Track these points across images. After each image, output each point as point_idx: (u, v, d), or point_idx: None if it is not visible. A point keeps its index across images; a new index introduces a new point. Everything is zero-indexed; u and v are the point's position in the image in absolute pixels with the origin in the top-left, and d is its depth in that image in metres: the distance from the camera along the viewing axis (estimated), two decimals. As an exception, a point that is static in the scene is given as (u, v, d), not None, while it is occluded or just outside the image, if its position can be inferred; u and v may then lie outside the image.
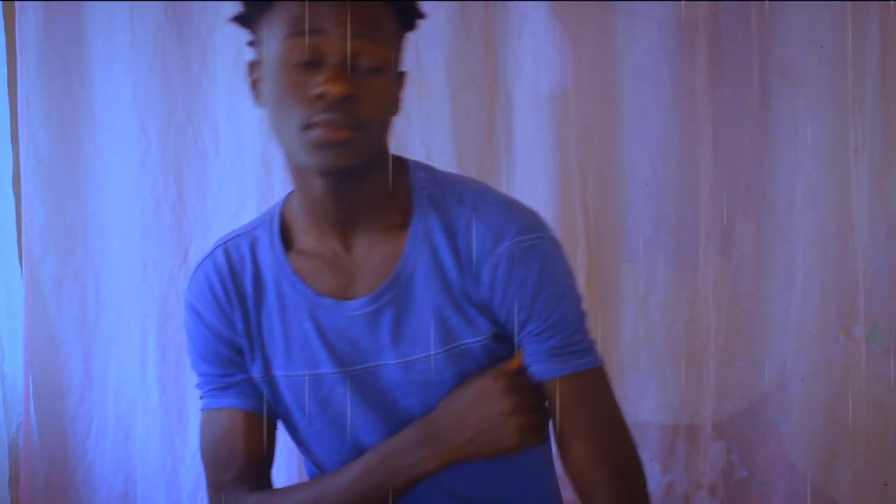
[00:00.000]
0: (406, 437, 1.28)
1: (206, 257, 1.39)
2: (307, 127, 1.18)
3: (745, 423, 2.12)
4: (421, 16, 1.30)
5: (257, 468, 1.37)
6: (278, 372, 1.35)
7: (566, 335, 1.27)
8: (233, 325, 1.35)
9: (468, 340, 1.28)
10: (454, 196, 1.30)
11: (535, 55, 2.10)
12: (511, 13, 2.11)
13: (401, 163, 1.36)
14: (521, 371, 1.28)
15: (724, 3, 2.09)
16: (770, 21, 2.10)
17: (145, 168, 2.09)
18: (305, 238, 1.34)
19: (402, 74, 1.29)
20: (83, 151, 2.10)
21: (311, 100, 1.17)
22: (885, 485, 2.06)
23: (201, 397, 1.41)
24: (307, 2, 1.17)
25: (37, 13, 2.04)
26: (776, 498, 2.07)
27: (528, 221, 1.28)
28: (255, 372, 1.36)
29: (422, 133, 2.09)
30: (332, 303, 1.31)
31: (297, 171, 1.29)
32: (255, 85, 1.30)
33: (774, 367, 2.13)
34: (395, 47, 1.25)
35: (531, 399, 1.27)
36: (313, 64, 1.18)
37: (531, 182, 2.10)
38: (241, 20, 1.29)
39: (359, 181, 1.26)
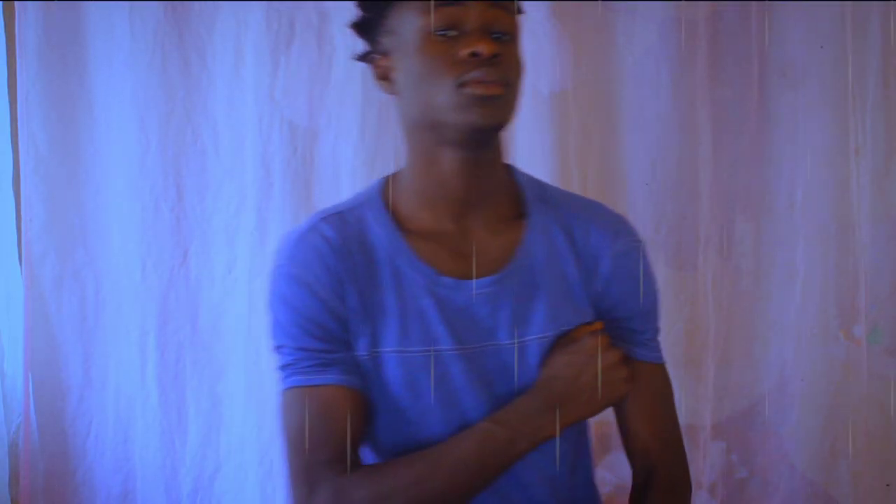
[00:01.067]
0: (525, 404, 1.34)
1: (306, 230, 1.39)
2: (461, 85, 1.27)
3: (745, 423, 2.13)
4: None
5: (355, 448, 1.35)
6: (388, 348, 1.35)
7: (653, 328, 1.45)
8: (344, 299, 1.35)
9: (573, 327, 1.39)
10: (564, 199, 1.45)
11: (535, 55, 2.08)
12: None
13: (504, 162, 1.45)
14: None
15: (725, 2, 2.10)
16: (770, 21, 2.10)
17: (145, 168, 2.09)
18: (419, 219, 1.39)
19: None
20: (83, 152, 2.11)
21: (461, 61, 1.27)
22: (887, 485, 2.06)
23: (291, 375, 1.35)
24: None
25: (36, 13, 2.04)
26: (776, 498, 2.07)
27: (631, 225, 1.46)
28: (361, 349, 1.36)
29: None
30: (454, 282, 1.36)
31: (427, 152, 1.36)
32: (384, 76, 1.39)
33: (774, 367, 2.15)
34: (517, 17, 1.37)
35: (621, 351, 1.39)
36: (455, 33, 1.30)
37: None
38: (364, 24, 1.42)
39: (485, 160, 1.36)
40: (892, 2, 2.03)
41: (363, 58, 1.44)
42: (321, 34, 2.08)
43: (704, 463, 2.12)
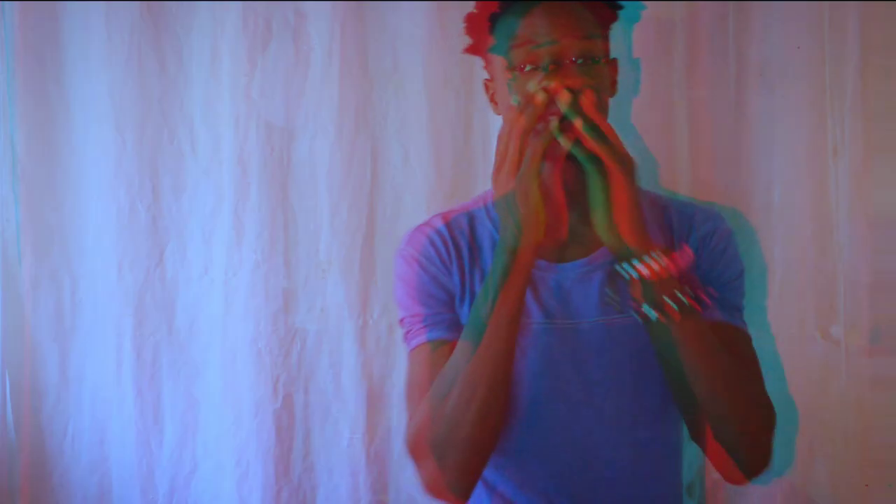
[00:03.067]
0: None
1: (421, 224, 1.65)
2: (552, 114, 1.41)
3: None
4: (619, 6, 1.57)
5: None
6: None
7: (736, 298, 1.59)
8: (450, 275, 1.58)
9: None
10: (650, 188, 1.64)
11: None
12: None
13: None
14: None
15: (701, 2, 2.08)
16: (747, 21, 2.09)
17: (121, 168, 2.10)
18: None
19: (614, 61, 1.56)
20: (59, 152, 2.11)
21: (550, 94, 1.41)
22: (866, 486, 2.04)
23: (409, 340, 1.59)
24: (534, 19, 1.47)
25: (12, 14, 2.05)
26: (753, 498, 2.05)
27: (719, 213, 1.65)
28: (463, 315, 1.57)
29: (399, 133, 2.09)
30: (546, 264, 1.55)
31: None
32: (491, 98, 1.63)
33: None
34: (605, 38, 1.52)
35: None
36: (546, 66, 1.46)
37: (509, 184, 2.09)
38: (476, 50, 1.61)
39: (578, 165, 1.46)
40: (870, 1, 2.02)
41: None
42: (298, 34, 2.07)
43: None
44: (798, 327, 2.07)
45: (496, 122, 2.06)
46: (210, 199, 2.11)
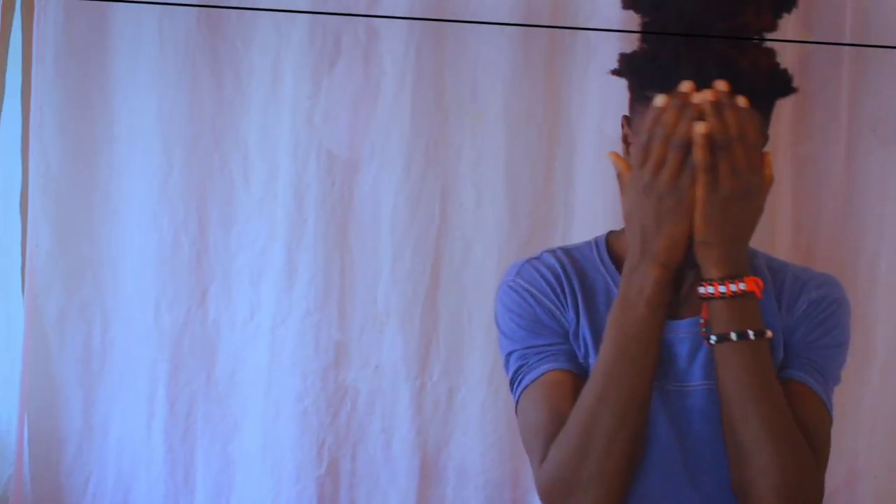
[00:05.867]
0: (623, 279, 1.41)
1: (531, 258, 1.56)
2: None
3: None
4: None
5: None
6: (593, 360, 1.47)
7: (830, 370, 1.48)
8: (565, 310, 1.50)
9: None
10: (771, 256, 1.58)
11: (603, 93, 2.00)
12: (579, 43, 2.02)
13: None
14: None
15: (813, 50, 2.02)
16: (863, 70, 2.03)
17: (165, 195, 2.03)
18: None
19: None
20: (98, 172, 2.04)
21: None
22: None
23: (522, 379, 1.49)
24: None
25: (57, 12, 1.98)
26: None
27: (838, 282, 1.54)
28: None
29: (473, 171, 2.03)
30: None
31: None
32: (623, 138, 1.53)
33: (844, 460, 2.06)
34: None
35: None
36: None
37: (591, 234, 1.96)
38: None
39: None
40: None
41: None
42: (369, 54, 2.01)
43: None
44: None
45: (580, 165, 2.10)
46: (261, 235, 2.05)
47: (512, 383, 1.52)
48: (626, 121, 1.48)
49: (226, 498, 2.06)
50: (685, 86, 1.32)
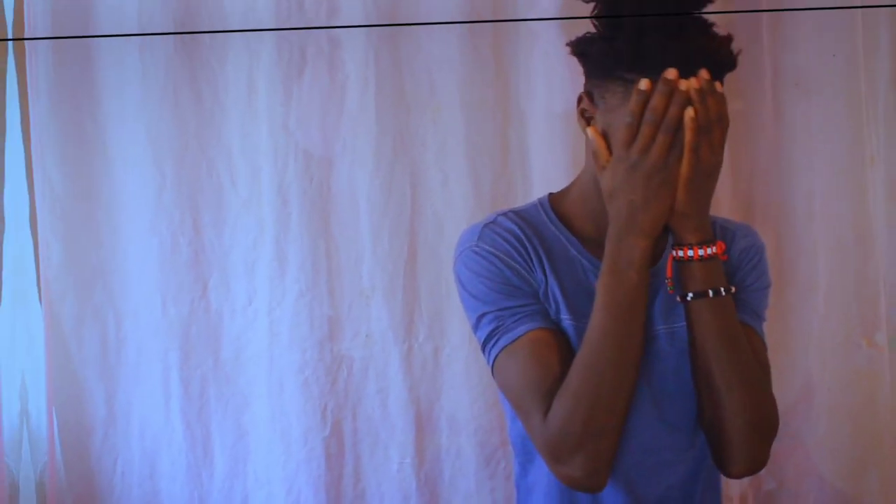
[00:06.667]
0: (608, 244, 1.44)
1: (487, 222, 1.55)
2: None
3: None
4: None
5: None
6: (563, 317, 1.49)
7: (760, 306, 1.57)
8: (533, 269, 1.51)
9: None
10: None
11: (548, 74, 2.09)
12: (521, 33, 2.10)
13: None
14: None
15: (736, 15, 2.07)
16: (781, 32, 2.09)
17: (161, 204, 2.10)
18: (582, 226, 1.54)
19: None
20: (98, 190, 2.11)
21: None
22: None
23: (497, 341, 1.48)
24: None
25: (47, 53, 2.04)
26: (804, 507, 2.08)
27: (755, 231, 1.65)
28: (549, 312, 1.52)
29: (437, 157, 2.10)
30: None
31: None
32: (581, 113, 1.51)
33: (799, 377, 2.13)
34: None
35: None
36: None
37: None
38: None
39: None
40: (900, 7, 2.03)
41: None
42: (332, 61, 2.07)
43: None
44: (843, 336, 2.09)
45: (533, 141, 2.13)
46: (251, 230, 2.11)
47: (486, 343, 1.49)
48: (588, 96, 1.45)
49: (243, 465, 2.13)
50: (671, 73, 1.33)
